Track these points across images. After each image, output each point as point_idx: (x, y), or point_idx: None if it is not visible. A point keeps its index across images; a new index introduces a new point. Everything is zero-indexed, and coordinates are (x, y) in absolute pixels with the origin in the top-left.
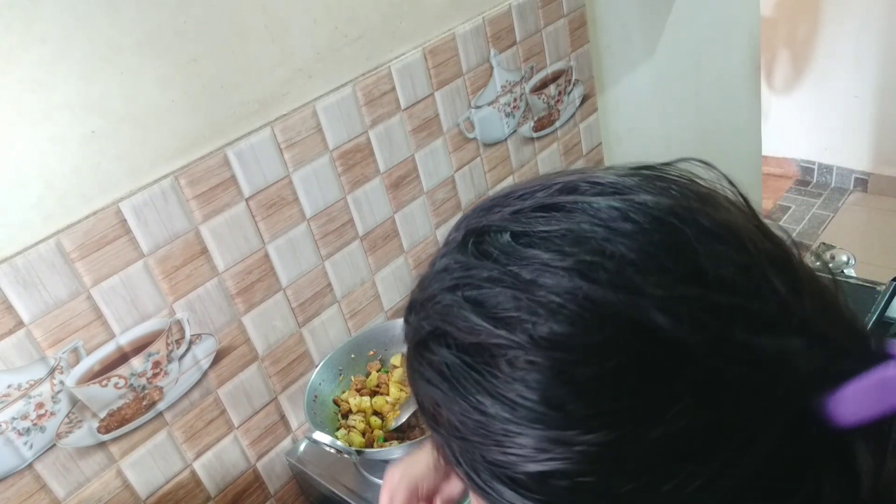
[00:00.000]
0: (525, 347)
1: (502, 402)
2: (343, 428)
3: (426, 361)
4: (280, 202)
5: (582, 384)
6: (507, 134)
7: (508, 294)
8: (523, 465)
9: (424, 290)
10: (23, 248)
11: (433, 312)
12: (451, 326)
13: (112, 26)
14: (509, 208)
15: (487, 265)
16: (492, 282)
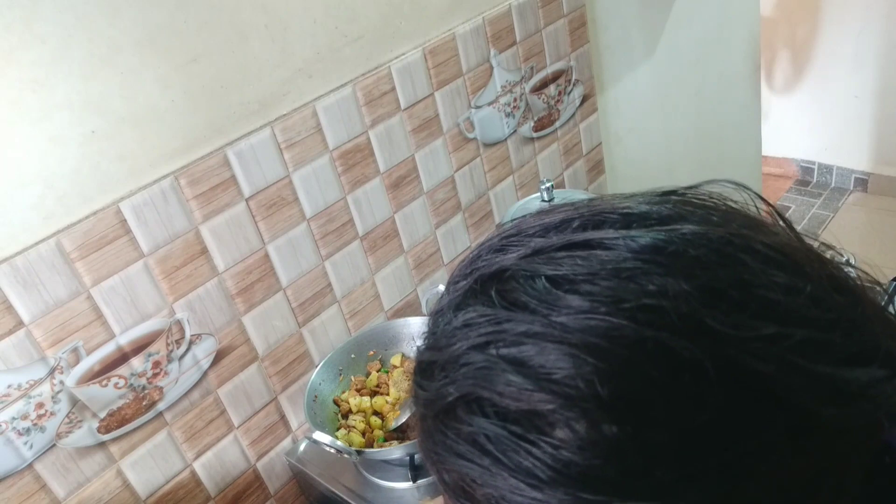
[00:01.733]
0: (589, 410)
1: (565, 474)
2: (343, 428)
3: (454, 433)
4: (280, 202)
5: (666, 448)
6: (507, 134)
7: (558, 349)
8: None
9: (441, 349)
10: (23, 248)
11: (461, 376)
12: (489, 392)
13: (112, 26)
14: (527, 248)
15: (524, 317)
16: (534, 336)
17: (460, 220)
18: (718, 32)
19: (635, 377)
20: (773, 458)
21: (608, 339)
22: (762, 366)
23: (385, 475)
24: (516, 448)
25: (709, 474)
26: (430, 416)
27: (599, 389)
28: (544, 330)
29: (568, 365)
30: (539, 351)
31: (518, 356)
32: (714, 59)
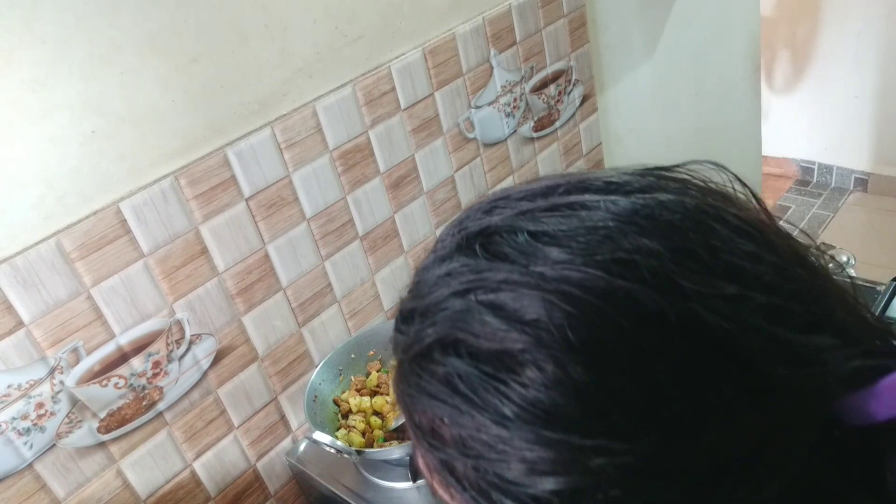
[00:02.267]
0: (558, 352)
1: (530, 412)
2: (343, 428)
3: (429, 374)
4: (280, 202)
5: (619, 390)
6: (507, 134)
7: (533, 295)
8: (550, 481)
9: (423, 297)
10: (23, 248)
11: (440, 319)
12: (465, 333)
13: (112, 26)
14: (514, 209)
15: (503, 266)
16: (511, 284)
17: None
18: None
19: (604, 324)
20: (726, 412)
21: (581, 287)
22: (724, 323)
23: (385, 475)
24: (486, 387)
25: (665, 422)
26: (406, 360)
27: (569, 334)
28: (522, 278)
29: (541, 309)
30: (515, 297)
31: (495, 301)
32: (714, 59)
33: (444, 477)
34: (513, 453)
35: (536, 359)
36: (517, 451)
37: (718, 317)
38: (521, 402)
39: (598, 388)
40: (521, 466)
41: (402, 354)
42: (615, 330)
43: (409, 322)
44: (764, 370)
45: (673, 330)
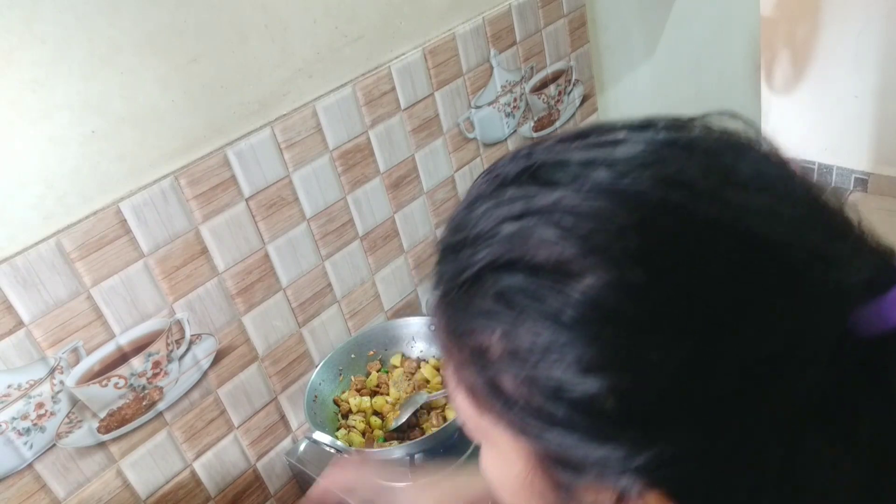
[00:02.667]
0: (614, 258)
1: (587, 313)
2: (343, 428)
3: (480, 295)
4: (280, 202)
5: (676, 292)
6: (508, 134)
7: (588, 210)
8: (602, 378)
9: (469, 229)
10: (23, 248)
11: (493, 243)
12: (521, 251)
13: (112, 26)
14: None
15: (556, 190)
16: (565, 203)
17: None
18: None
19: (657, 232)
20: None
21: (634, 200)
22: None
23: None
24: (544, 295)
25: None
26: (454, 289)
27: (625, 241)
28: (575, 196)
29: (597, 221)
30: (570, 214)
31: (550, 219)
32: (714, 59)
33: (489, 400)
34: (569, 354)
35: (594, 265)
36: (574, 351)
37: (758, 223)
38: (579, 305)
39: (652, 290)
40: (577, 366)
41: (447, 285)
42: (667, 236)
43: (453, 254)
44: (797, 271)
45: (719, 235)
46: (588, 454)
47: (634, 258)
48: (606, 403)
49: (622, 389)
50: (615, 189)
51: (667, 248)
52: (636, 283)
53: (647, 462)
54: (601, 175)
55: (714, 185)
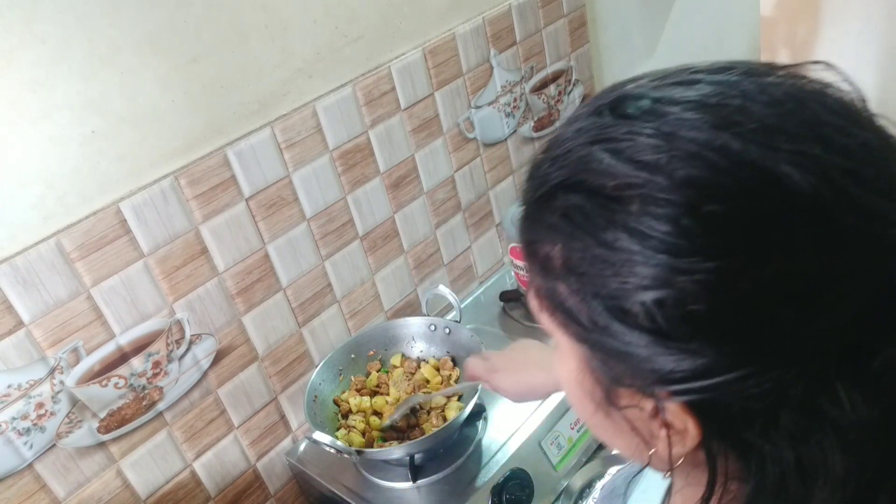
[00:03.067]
0: (663, 186)
1: (632, 234)
2: (343, 428)
3: (550, 210)
4: (280, 202)
5: (710, 219)
6: (508, 134)
7: (649, 143)
8: (641, 293)
9: (554, 149)
10: (23, 248)
11: (567, 163)
12: (587, 173)
13: (112, 26)
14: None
15: (627, 122)
16: (632, 134)
17: (460, 220)
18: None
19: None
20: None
21: (688, 139)
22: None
23: (385, 475)
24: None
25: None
26: (532, 202)
27: (674, 172)
28: (641, 130)
29: (655, 153)
30: (634, 144)
31: (617, 147)
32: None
33: (550, 304)
34: (612, 269)
35: (645, 192)
36: (616, 266)
37: (797, 169)
38: (626, 226)
39: (695, 218)
40: (617, 280)
41: (529, 197)
42: (711, 172)
43: (537, 170)
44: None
45: (757, 174)
46: (625, 359)
47: (683, 188)
48: (640, 318)
49: (660, 306)
50: (675, 126)
51: (711, 180)
52: (681, 211)
53: (677, 373)
54: (669, 111)
55: (769, 130)
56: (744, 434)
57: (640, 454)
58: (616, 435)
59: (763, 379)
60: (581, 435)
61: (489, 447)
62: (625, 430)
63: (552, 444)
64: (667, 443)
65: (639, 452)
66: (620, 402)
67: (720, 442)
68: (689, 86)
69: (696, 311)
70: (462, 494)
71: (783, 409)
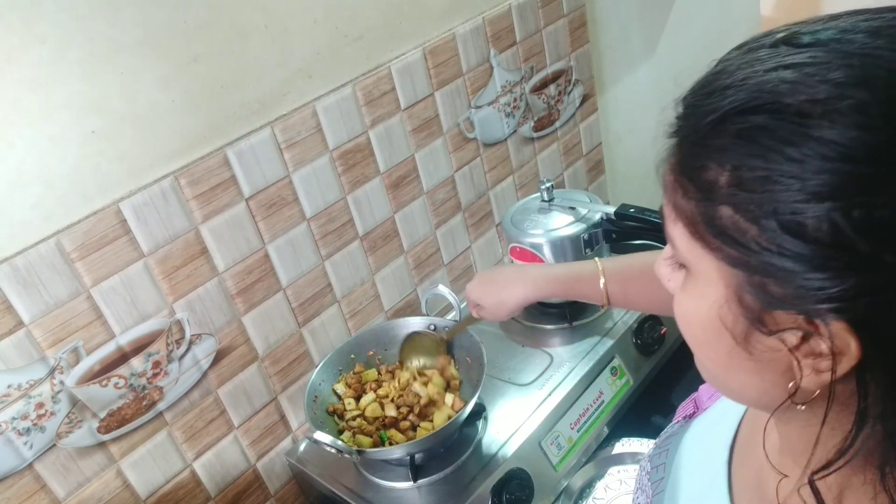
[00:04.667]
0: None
1: (826, 144)
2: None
3: (723, 133)
4: (280, 202)
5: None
6: (507, 134)
7: (841, 63)
8: (825, 204)
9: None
10: (23, 248)
11: (744, 89)
12: (770, 94)
13: (112, 26)
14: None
15: (810, 50)
16: (819, 58)
17: (460, 220)
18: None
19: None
20: None
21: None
22: None
23: (385, 475)
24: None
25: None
26: (692, 132)
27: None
28: (828, 53)
29: (848, 71)
30: (822, 65)
31: (801, 72)
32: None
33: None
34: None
35: (839, 106)
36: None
37: None
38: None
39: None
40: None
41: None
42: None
43: (706, 97)
44: None
45: None
46: (790, 279)
47: (869, 106)
48: (819, 231)
49: (836, 220)
50: (862, 48)
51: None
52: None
53: (843, 291)
54: (851, 38)
55: None
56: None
57: (773, 391)
58: (750, 373)
59: None
60: (581, 435)
61: (489, 447)
62: (765, 364)
63: (552, 444)
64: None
65: (773, 389)
66: (772, 328)
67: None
68: (865, 19)
69: (883, 221)
70: (462, 494)
71: None
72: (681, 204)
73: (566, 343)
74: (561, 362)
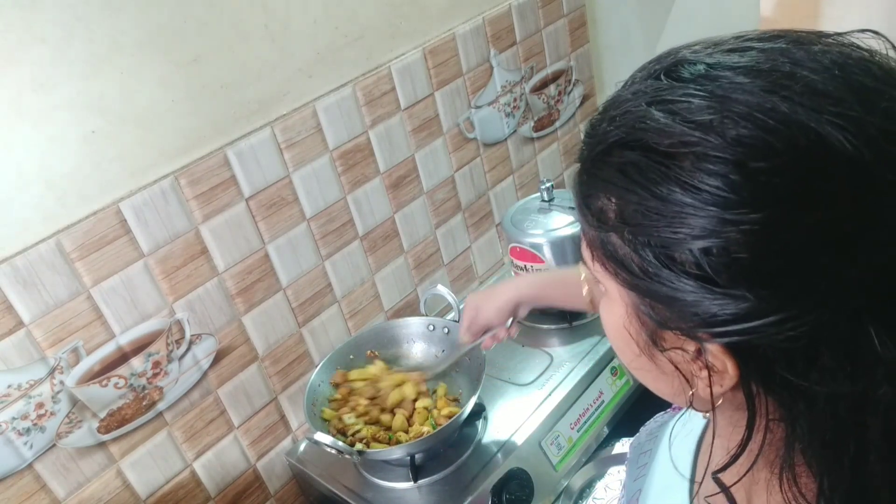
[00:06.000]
0: (715, 145)
1: (684, 188)
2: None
3: (606, 166)
4: (280, 202)
5: (758, 174)
6: (508, 134)
7: (703, 104)
8: (691, 242)
9: (612, 110)
10: (23, 248)
11: (623, 122)
12: (643, 132)
13: (112, 26)
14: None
15: (682, 86)
16: (687, 96)
17: (460, 220)
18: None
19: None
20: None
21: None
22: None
23: (385, 475)
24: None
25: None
26: (590, 158)
27: (725, 132)
28: (696, 92)
29: (709, 114)
30: (690, 105)
31: (672, 108)
32: None
33: (602, 254)
34: (664, 220)
35: (697, 150)
36: (668, 218)
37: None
38: (679, 180)
39: (744, 174)
40: (669, 231)
41: (586, 154)
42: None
43: (596, 128)
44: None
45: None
46: (671, 304)
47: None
48: (687, 265)
49: (708, 254)
50: (728, 89)
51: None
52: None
53: (720, 316)
54: (722, 75)
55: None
56: (782, 373)
57: (680, 395)
58: (658, 377)
59: (801, 321)
60: (581, 435)
61: (489, 447)
62: (667, 372)
63: (552, 444)
64: (707, 383)
65: (680, 393)
66: (665, 345)
67: (759, 382)
68: (742, 52)
69: (741, 258)
70: (462, 494)
71: (822, 349)
72: (584, 228)
73: (566, 343)
74: (561, 362)
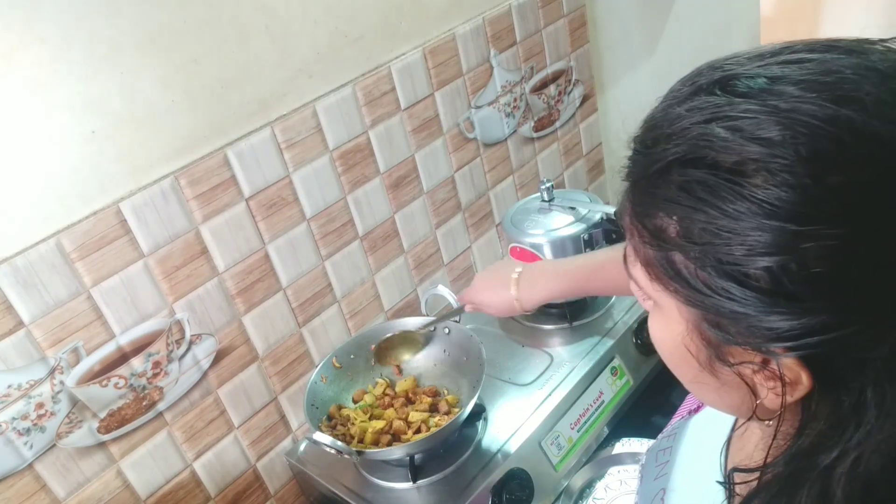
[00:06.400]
0: (787, 161)
1: (758, 205)
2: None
3: (666, 184)
4: (280, 202)
5: (836, 189)
6: (508, 134)
7: (769, 120)
8: (764, 259)
9: (665, 127)
10: (23, 248)
11: (682, 141)
12: (707, 149)
13: (112, 26)
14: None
15: (744, 101)
16: (751, 112)
17: (460, 220)
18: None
19: (825, 141)
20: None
21: (810, 115)
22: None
23: (385, 475)
24: (721, 186)
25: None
26: (644, 178)
27: (799, 147)
28: (760, 108)
29: (776, 129)
30: (754, 121)
31: (735, 125)
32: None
33: (662, 272)
34: (735, 238)
35: (769, 166)
36: (739, 236)
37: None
38: (751, 199)
39: (821, 189)
40: (743, 249)
41: (638, 174)
42: (840, 144)
43: (647, 147)
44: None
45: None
46: (741, 319)
47: (804, 162)
48: (761, 281)
49: (775, 272)
50: (795, 103)
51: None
52: (803, 183)
53: (795, 330)
54: (785, 90)
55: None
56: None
57: (742, 406)
58: (719, 390)
59: (876, 332)
60: (581, 435)
61: (489, 447)
62: (729, 385)
63: (552, 444)
64: (777, 393)
65: (742, 404)
66: (731, 360)
67: (832, 391)
68: (798, 64)
69: (819, 273)
70: (462, 494)
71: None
72: (638, 247)
73: (566, 343)
74: (561, 362)
